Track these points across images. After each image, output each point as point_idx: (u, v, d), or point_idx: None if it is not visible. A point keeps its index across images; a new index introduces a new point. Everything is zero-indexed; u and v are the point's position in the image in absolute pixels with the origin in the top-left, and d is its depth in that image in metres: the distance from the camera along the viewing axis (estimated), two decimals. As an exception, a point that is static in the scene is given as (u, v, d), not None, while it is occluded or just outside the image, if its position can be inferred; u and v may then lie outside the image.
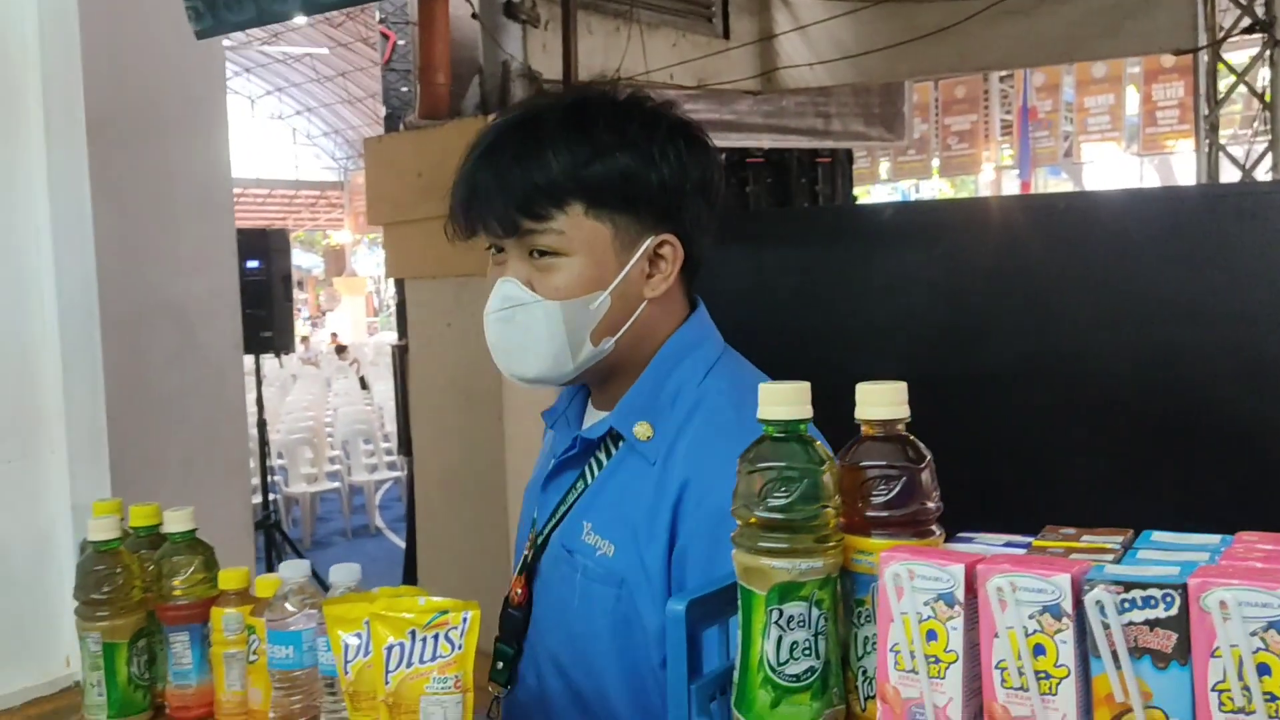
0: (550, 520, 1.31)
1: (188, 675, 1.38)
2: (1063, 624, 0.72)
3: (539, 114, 1.24)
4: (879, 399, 0.84)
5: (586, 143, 1.19)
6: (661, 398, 1.23)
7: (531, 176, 1.18)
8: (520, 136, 1.21)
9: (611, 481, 1.25)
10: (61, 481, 1.57)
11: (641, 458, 1.22)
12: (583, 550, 1.24)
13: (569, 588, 1.25)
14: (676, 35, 6.00)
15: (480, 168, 1.22)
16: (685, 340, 1.28)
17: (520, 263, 1.22)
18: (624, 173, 1.20)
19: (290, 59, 23.29)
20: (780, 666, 0.81)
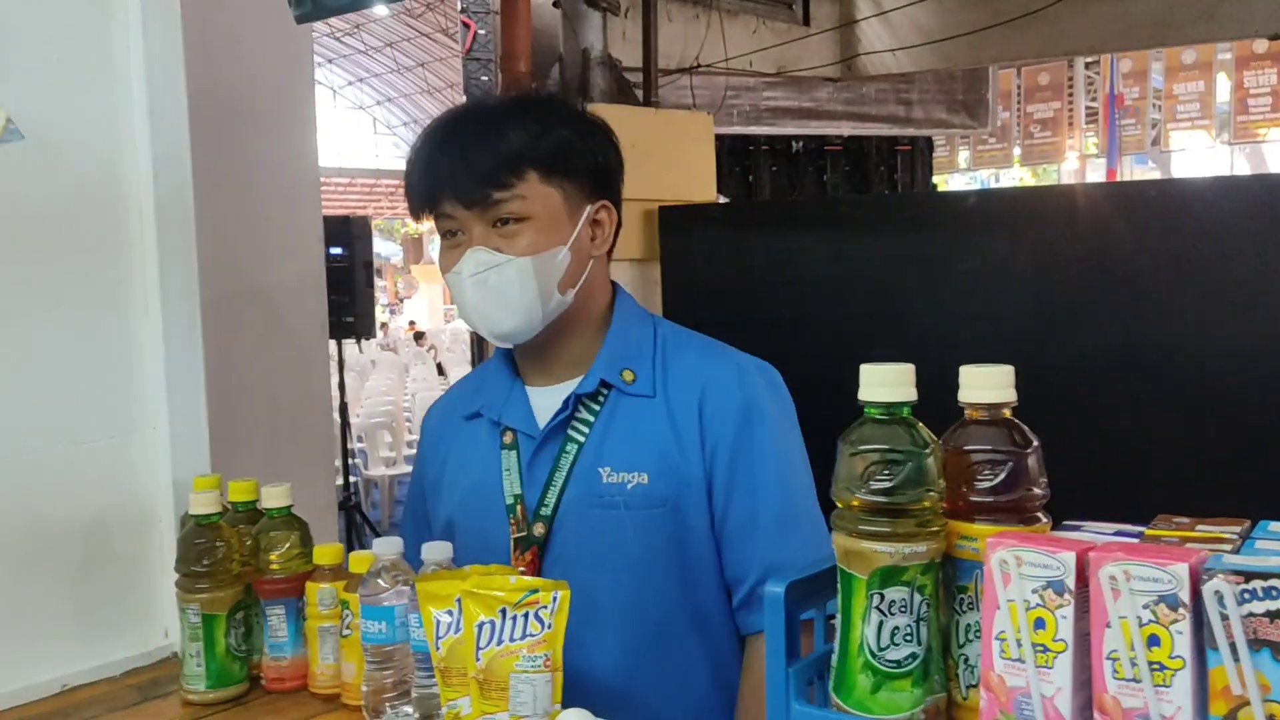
0: (548, 488, 1.42)
1: (283, 648, 1.41)
2: (1179, 614, 0.70)
3: (485, 105, 1.47)
4: (985, 382, 0.83)
5: (535, 121, 1.40)
6: (630, 349, 1.45)
7: (495, 151, 1.36)
8: (474, 122, 1.41)
9: (613, 427, 1.42)
10: (163, 457, 1.61)
11: (635, 398, 1.42)
12: (612, 490, 1.39)
13: (613, 527, 1.39)
14: (756, 22, 5.95)
15: (441, 151, 1.39)
16: (630, 304, 1.52)
17: (485, 233, 1.37)
18: (568, 145, 1.40)
19: (371, 50, 23.63)
20: (881, 652, 0.80)
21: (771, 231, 4.40)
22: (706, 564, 1.41)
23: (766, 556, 1.38)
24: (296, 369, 3.22)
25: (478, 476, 1.48)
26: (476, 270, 1.36)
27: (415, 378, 12.68)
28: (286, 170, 3.09)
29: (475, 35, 6.80)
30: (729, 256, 4.37)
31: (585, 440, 1.42)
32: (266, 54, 2.80)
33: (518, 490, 1.44)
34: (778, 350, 1.78)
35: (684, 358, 1.46)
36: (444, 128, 1.42)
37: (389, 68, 24.79)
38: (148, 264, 1.60)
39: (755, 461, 1.40)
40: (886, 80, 7.00)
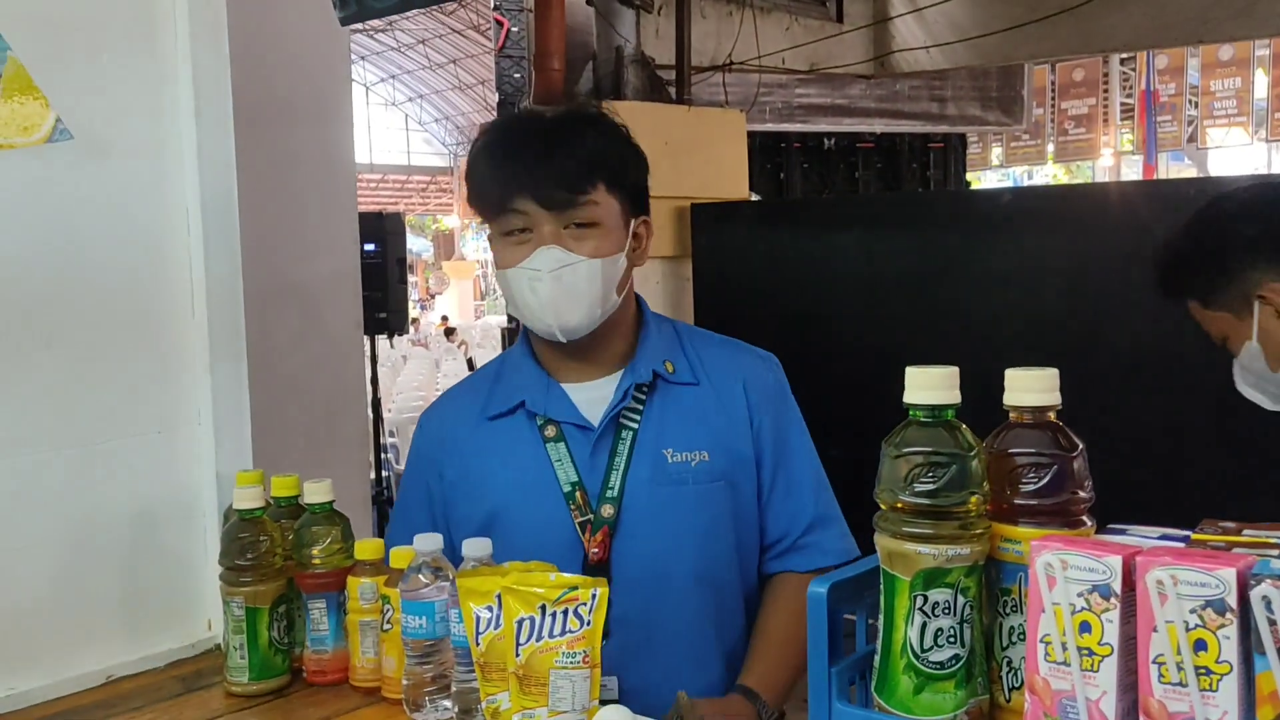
0: (610, 473, 1.52)
1: (324, 641, 1.43)
2: (1226, 619, 0.70)
3: (547, 115, 1.53)
4: (1030, 385, 0.83)
5: (602, 134, 1.52)
6: (664, 344, 1.60)
7: (578, 158, 1.46)
8: (547, 129, 1.50)
9: (667, 414, 1.55)
10: (207, 452, 1.63)
11: (680, 386, 1.57)
12: (678, 468, 1.52)
13: (681, 503, 1.51)
14: (789, 19, 5.93)
15: (518, 154, 1.48)
16: (647, 307, 1.65)
17: (556, 233, 1.46)
18: (627, 160, 1.53)
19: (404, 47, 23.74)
20: (924, 653, 0.81)
21: (803, 229, 4.39)
22: (752, 531, 1.59)
23: (811, 511, 1.59)
24: (333, 364, 3.24)
25: (525, 469, 1.54)
26: (555, 267, 1.46)
27: (446, 373, 12.74)
28: (324, 167, 3.11)
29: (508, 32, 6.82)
30: (760, 254, 4.37)
31: (639, 427, 1.53)
32: (307, 53, 2.82)
33: (574, 478, 1.52)
34: (808, 347, 1.79)
35: (710, 350, 1.62)
36: (514, 132, 1.52)
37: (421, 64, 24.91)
38: (193, 261, 1.63)
39: (792, 435, 1.61)
40: (920, 77, 6.96)
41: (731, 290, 4.39)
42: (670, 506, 1.51)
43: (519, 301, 1.50)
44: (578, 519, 1.51)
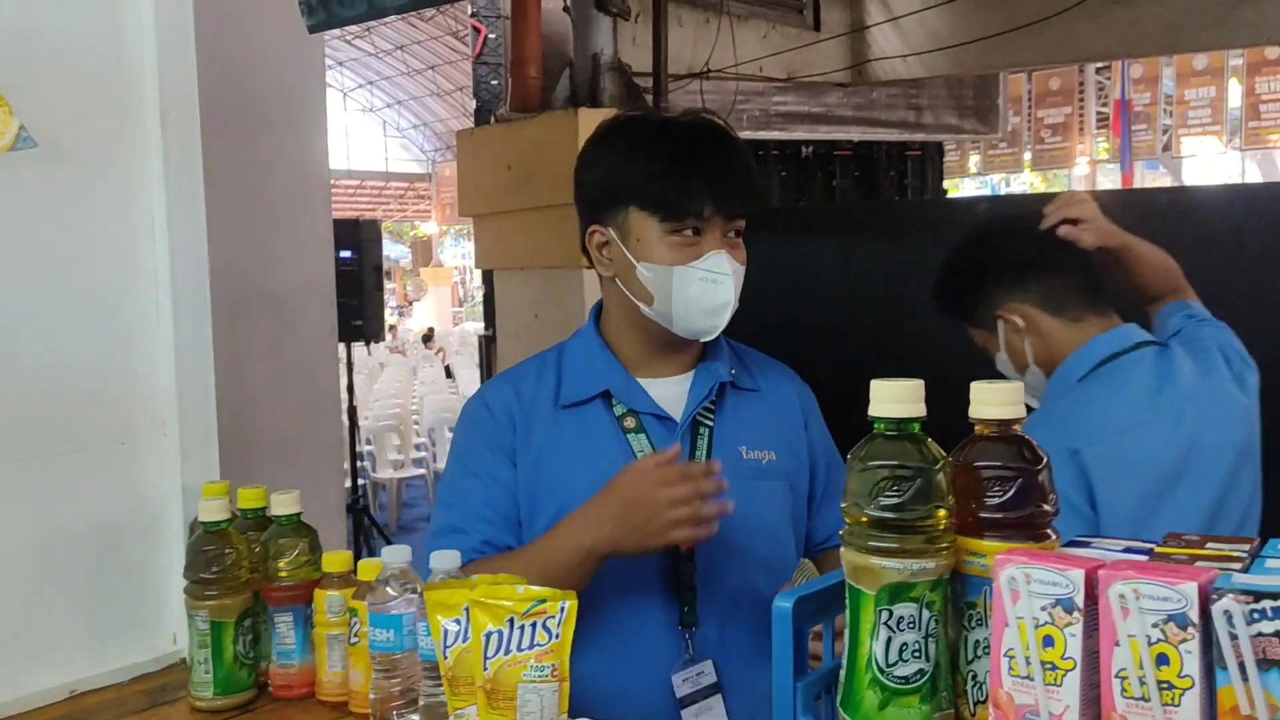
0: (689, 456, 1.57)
1: (291, 655, 1.42)
2: (1188, 633, 0.70)
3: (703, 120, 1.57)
4: (995, 399, 0.83)
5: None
6: (724, 349, 1.66)
7: (748, 170, 1.56)
8: (719, 140, 1.55)
9: (738, 414, 1.62)
10: (173, 463, 1.61)
11: (742, 390, 1.64)
12: (754, 465, 1.59)
13: (757, 496, 1.57)
14: (766, 27, 5.94)
15: (701, 164, 1.51)
16: None
17: (720, 240, 1.53)
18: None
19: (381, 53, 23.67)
20: (889, 668, 0.80)
21: (780, 237, 4.39)
22: (801, 528, 1.68)
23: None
24: (306, 372, 3.22)
25: (609, 458, 1.53)
26: (730, 271, 1.53)
27: (423, 380, 12.70)
28: (298, 174, 3.09)
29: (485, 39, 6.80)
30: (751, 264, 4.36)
31: (714, 426, 1.60)
32: (279, 59, 2.81)
33: None
34: (784, 355, 1.79)
35: (755, 359, 1.72)
36: (688, 137, 1.55)
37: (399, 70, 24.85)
38: (159, 269, 1.61)
39: (830, 439, 1.73)
40: (897, 85, 6.98)
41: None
42: (748, 499, 1.52)
43: (681, 297, 1.52)
44: None
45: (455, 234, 29.98)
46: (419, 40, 21.69)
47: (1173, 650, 0.70)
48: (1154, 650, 0.71)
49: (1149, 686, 0.71)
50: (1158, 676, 0.71)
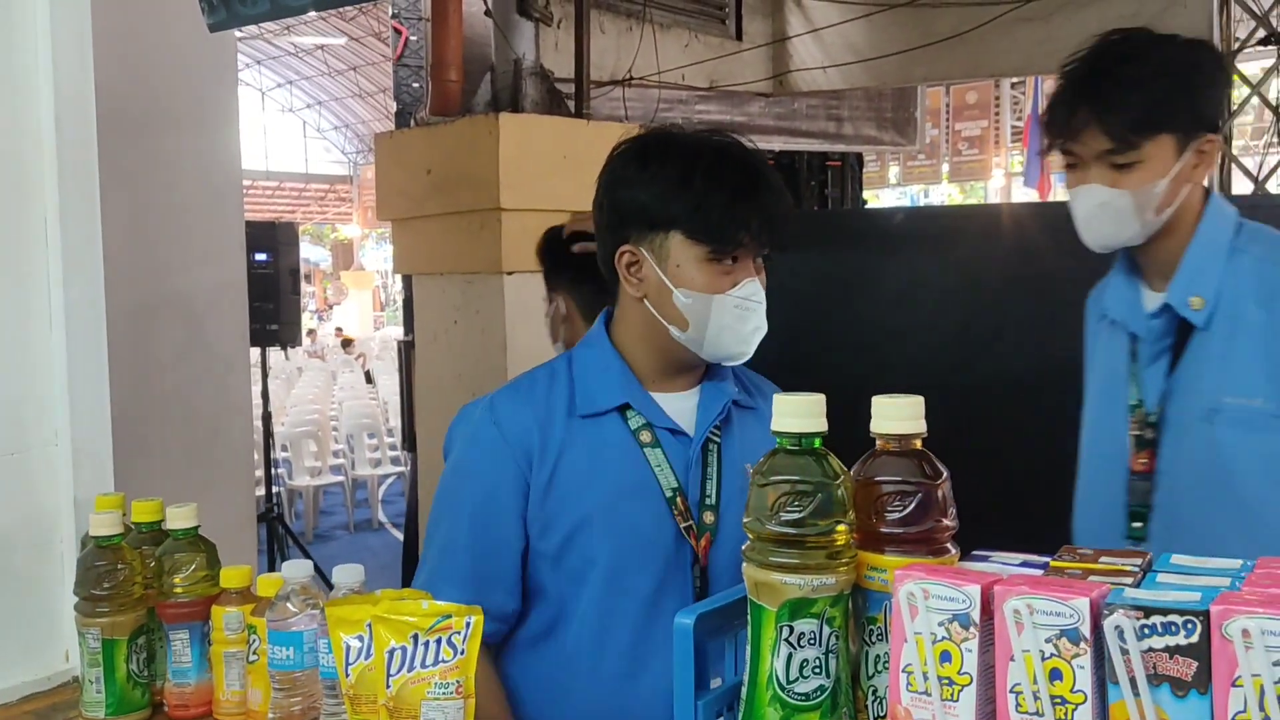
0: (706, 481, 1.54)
1: (187, 674, 1.37)
2: (1080, 649, 0.70)
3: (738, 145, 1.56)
4: (895, 413, 0.83)
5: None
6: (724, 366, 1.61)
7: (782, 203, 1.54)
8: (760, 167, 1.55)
9: (742, 431, 1.59)
10: (64, 474, 1.56)
11: (744, 409, 1.61)
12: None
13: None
14: (689, 36, 5.97)
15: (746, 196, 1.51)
16: None
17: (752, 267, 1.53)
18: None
19: (302, 52, 23.29)
20: (789, 684, 0.80)
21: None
22: None
23: None
24: (215, 378, 3.14)
25: (625, 471, 1.52)
26: (762, 300, 1.53)
27: (342, 385, 12.49)
28: (207, 174, 3.01)
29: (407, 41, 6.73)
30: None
31: (722, 444, 1.57)
32: (186, 55, 2.73)
33: (675, 483, 1.52)
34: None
35: (752, 379, 1.68)
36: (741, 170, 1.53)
37: (320, 71, 24.49)
38: (51, 273, 1.55)
39: None
40: (817, 96, 7.08)
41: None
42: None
43: (717, 324, 1.51)
44: (681, 524, 1.52)
45: (377, 237, 29.62)
46: (340, 41, 21.40)
47: (1066, 665, 0.71)
48: (1047, 665, 0.71)
49: (1042, 701, 0.71)
50: (1051, 691, 0.71)
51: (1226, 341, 1.61)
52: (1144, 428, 1.66)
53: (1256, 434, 1.57)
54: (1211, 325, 1.61)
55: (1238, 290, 1.62)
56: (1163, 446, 1.65)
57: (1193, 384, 1.63)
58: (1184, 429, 1.63)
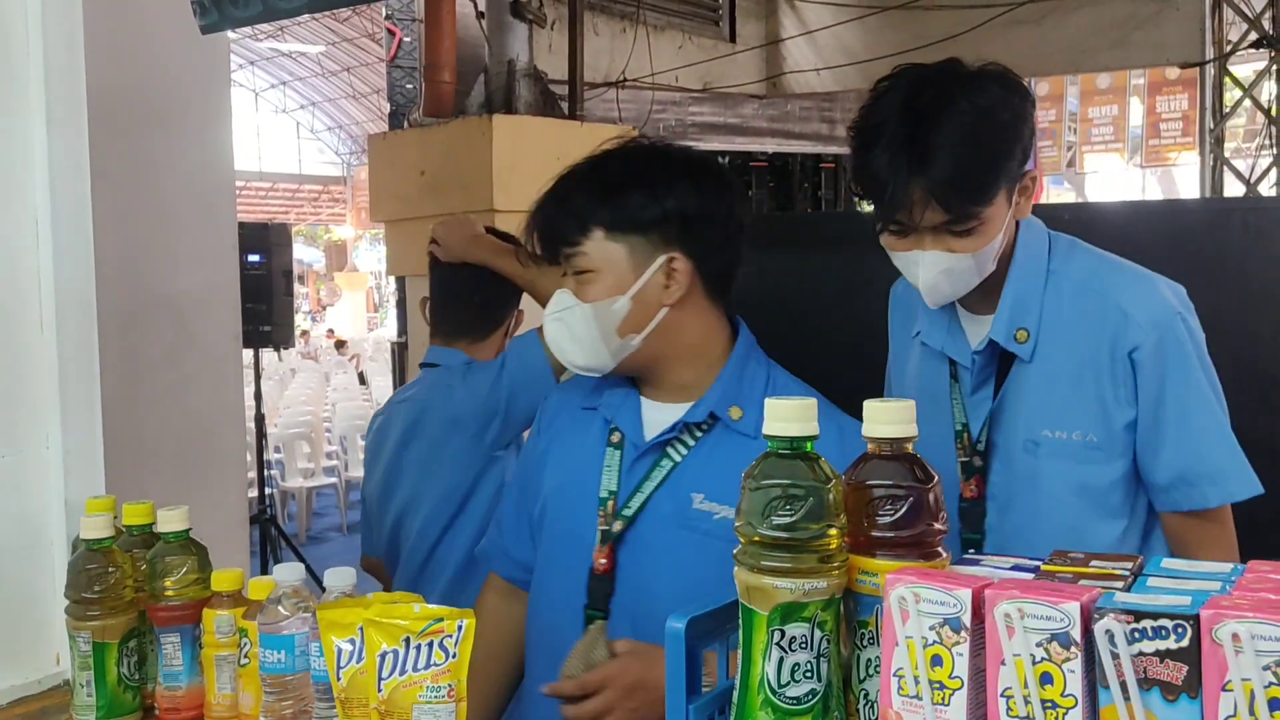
0: (635, 493, 1.51)
1: (178, 677, 1.36)
2: (1071, 653, 0.71)
3: (576, 166, 1.56)
4: (887, 417, 0.83)
5: (603, 183, 1.51)
6: (744, 387, 1.53)
7: (561, 215, 1.52)
8: (557, 184, 1.55)
9: (714, 458, 1.50)
10: (55, 477, 1.55)
11: (739, 435, 1.50)
12: (699, 517, 1.47)
13: (689, 549, 1.47)
14: (683, 38, 5.99)
15: (536, 209, 1.55)
16: (749, 343, 1.59)
17: (568, 278, 1.53)
18: (634, 203, 1.49)
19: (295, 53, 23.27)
20: (781, 688, 0.80)
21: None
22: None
23: None
24: (207, 380, 3.13)
25: (580, 465, 1.58)
26: (554, 309, 1.53)
27: (336, 387, 12.48)
28: (198, 174, 3.01)
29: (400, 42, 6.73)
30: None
31: (681, 461, 1.51)
32: (178, 55, 2.73)
33: (614, 487, 1.53)
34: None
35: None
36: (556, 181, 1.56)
37: (314, 72, 24.46)
38: (42, 274, 1.54)
39: None
40: (810, 98, 7.09)
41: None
42: (676, 548, 1.48)
43: (549, 339, 1.58)
44: (601, 526, 1.52)
45: (371, 238, 29.60)
46: (334, 41, 21.38)
47: (1056, 669, 0.71)
48: (1038, 669, 0.71)
49: (1033, 705, 0.72)
50: (1042, 696, 0.71)
51: (1046, 372, 1.60)
52: (971, 455, 1.64)
53: (1077, 464, 1.57)
54: (1034, 357, 1.60)
55: (1058, 319, 1.60)
56: (991, 473, 1.64)
57: (1015, 414, 1.62)
58: (1009, 457, 1.62)
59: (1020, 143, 1.56)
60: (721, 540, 1.37)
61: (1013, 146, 1.54)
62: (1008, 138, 1.54)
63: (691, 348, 1.54)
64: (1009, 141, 1.54)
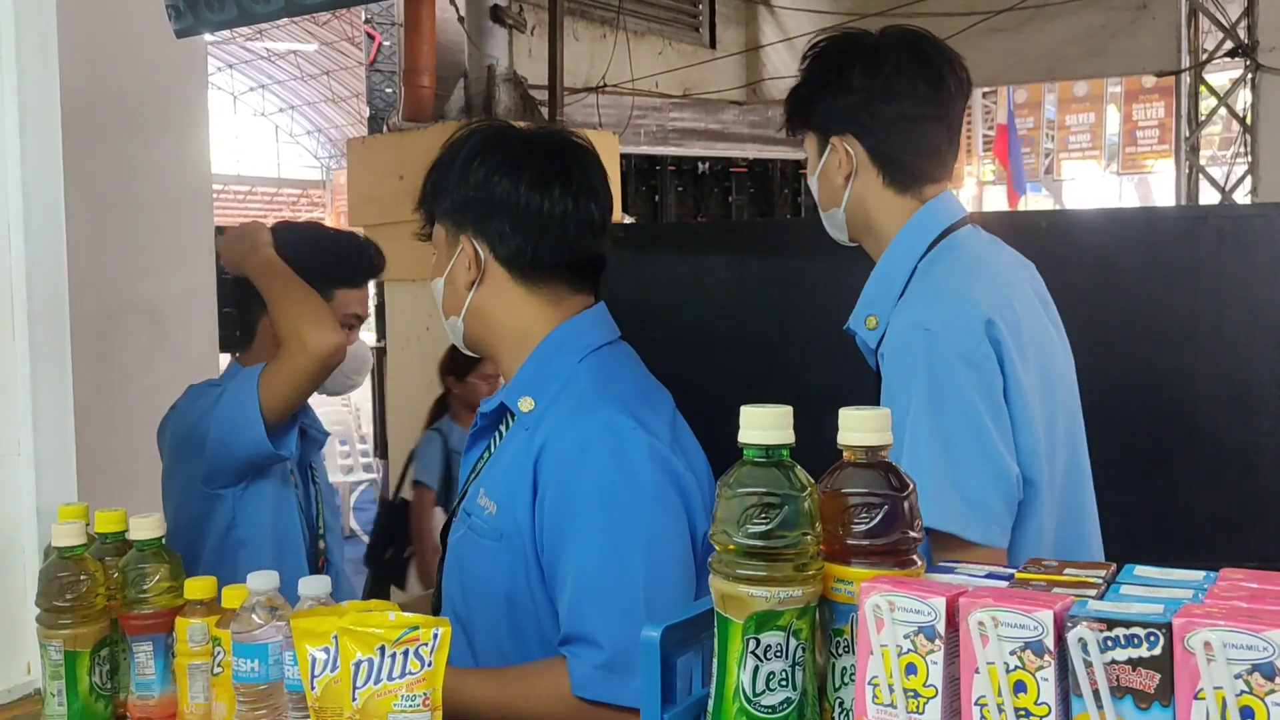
0: (463, 488, 1.54)
1: (150, 686, 1.35)
2: (1044, 661, 0.71)
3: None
4: (862, 425, 0.83)
5: (433, 168, 1.54)
6: (544, 377, 1.47)
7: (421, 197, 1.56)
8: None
9: (504, 450, 1.49)
10: (27, 484, 1.53)
11: (522, 427, 1.46)
12: (476, 511, 1.46)
13: (469, 547, 1.47)
14: (663, 44, 6.00)
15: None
16: (569, 330, 1.49)
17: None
18: (443, 188, 1.52)
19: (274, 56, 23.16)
20: (756, 697, 0.80)
21: (675, 253, 4.42)
22: (527, 608, 1.41)
23: (569, 623, 1.36)
24: (183, 385, 3.10)
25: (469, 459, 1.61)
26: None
27: (315, 391, 12.36)
28: (174, 178, 2.98)
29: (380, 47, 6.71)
30: (632, 277, 4.38)
31: (491, 455, 1.52)
32: (154, 57, 2.70)
33: (462, 478, 1.57)
34: (677, 371, 1.77)
35: (567, 402, 1.43)
36: None
37: (293, 75, 24.35)
38: (14, 279, 1.53)
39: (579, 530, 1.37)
40: (791, 104, 7.11)
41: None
42: (458, 546, 1.49)
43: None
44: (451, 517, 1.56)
45: (352, 242, 29.41)
46: (313, 45, 21.29)
47: (1030, 678, 0.71)
48: (1012, 678, 0.71)
49: (1007, 714, 0.72)
50: (1015, 704, 0.71)
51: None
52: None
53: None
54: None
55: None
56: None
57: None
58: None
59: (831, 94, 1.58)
60: (486, 538, 1.44)
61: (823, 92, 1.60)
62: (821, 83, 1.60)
63: (508, 334, 1.51)
64: (821, 86, 1.60)
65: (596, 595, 1.34)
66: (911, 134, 1.55)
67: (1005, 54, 5.97)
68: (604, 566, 1.35)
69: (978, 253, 1.57)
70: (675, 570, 1.37)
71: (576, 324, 1.50)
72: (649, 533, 1.36)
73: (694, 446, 1.49)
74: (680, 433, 1.49)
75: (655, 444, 1.39)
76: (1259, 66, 6.43)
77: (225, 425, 1.96)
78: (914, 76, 1.54)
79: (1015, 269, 1.61)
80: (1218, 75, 7.38)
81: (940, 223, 1.57)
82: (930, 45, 1.58)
